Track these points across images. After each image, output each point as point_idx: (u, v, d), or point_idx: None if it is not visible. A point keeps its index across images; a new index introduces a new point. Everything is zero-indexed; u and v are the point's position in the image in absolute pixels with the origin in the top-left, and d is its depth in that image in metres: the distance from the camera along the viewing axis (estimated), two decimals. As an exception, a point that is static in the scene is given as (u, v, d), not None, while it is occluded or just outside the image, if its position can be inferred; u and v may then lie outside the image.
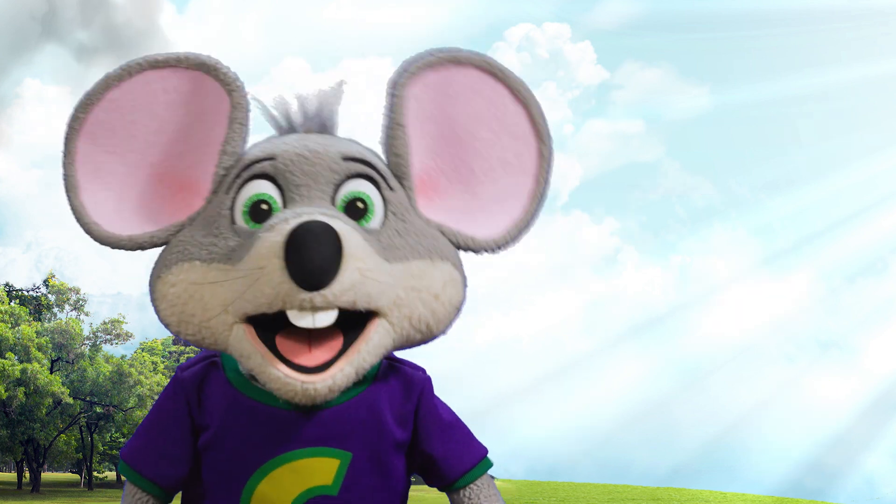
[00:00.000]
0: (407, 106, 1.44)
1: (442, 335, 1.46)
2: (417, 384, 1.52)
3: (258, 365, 1.35)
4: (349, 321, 1.35)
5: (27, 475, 35.18)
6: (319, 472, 1.42)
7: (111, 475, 41.85)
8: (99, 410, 33.90)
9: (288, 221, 1.30)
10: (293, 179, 1.40)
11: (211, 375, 1.48)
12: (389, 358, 1.52)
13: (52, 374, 31.42)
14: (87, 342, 34.01)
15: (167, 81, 1.46)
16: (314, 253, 1.27)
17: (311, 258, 1.27)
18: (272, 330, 1.35)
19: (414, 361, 1.56)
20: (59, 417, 32.80)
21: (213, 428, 1.46)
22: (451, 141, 1.50)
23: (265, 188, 1.41)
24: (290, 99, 1.52)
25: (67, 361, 33.07)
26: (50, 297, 34.89)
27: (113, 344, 34.91)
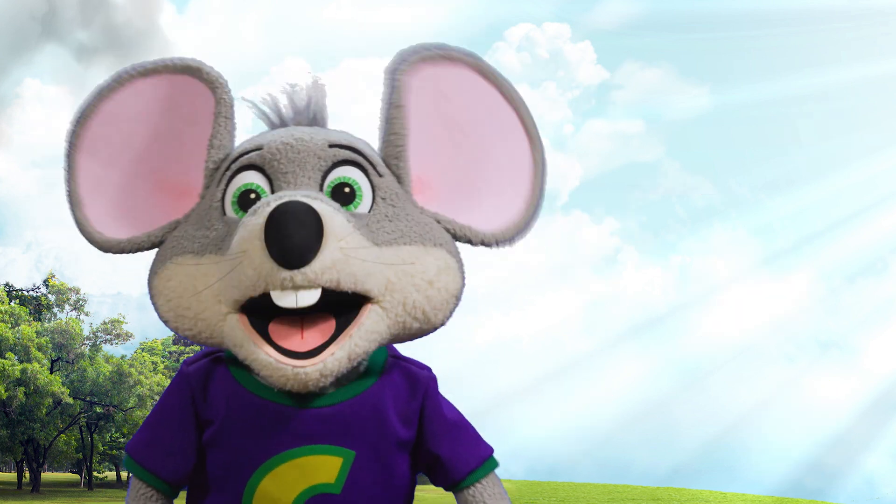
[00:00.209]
0: (406, 92, 1.44)
1: (442, 325, 1.45)
2: (423, 383, 1.51)
3: (250, 352, 1.35)
4: (342, 307, 1.35)
5: (27, 475, 35.20)
6: (322, 469, 1.42)
7: (111, 475, 41.86)
8: (99, 410, 33.92)
9: (269, 204, 1.31)
10: (280, 167, 1.41)
11: (216, 371, 1.48)
12: (395, 356, 1.52)
13: (52, 374, 31.44)
14: (87, 342, 34.04)
15: (158, 89, 1.48)
16: (293, 231, 1.27)
17: (289, 236, 1.28)
18: (265, 318, 1.36)
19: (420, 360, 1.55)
20: (59, 417, 32.81)
21: (216, 423, 1.45)
22: (446, 141, 1.50)
23: (253, 178, 1.42)
24: (279, 95, 1.53)
25: (67, 361, 33.09)
26: (50, 297, 34.91)
27: (113, 344, 34.97)
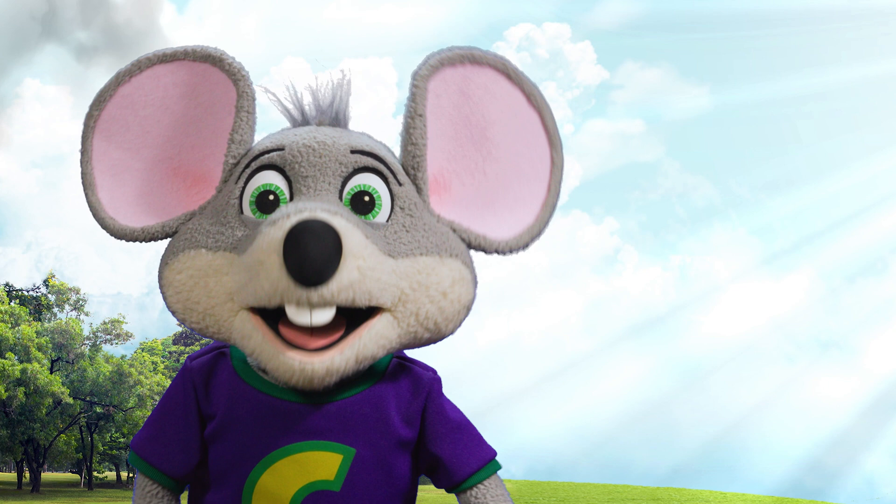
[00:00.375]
0: (427, 98, 1.44)
1: (451, 335, 1.45)
2: (426, 384, 1.51)
3: (258, 344, 1.35)
4: (354, 314, 1.35)
5: (27, 475, 35.23)
6: (322, 466, 1.41)
7: (111, 475, 41.89)
8: (99, 410, 33.95)
9: (289, 217, 1.30)
10: (301, 171, 1.40)
11: (219, 366, 1.48)
12: (400, 357, 1.51)
13: (52, 374, 31.47)
14: (87, 342, 34.08)
15: (176, 75, 1.48)
16: (312, 250, 1.26)
17: (308, 255, 1.26)
18: (276, 318, 1.35)
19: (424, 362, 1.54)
20: (59, 417, 32.84)
21: (218, 418, 1.45)
22: (465, 142, 1.49)
23: (273, 179, 1.41)
24: (302, 91, 1.53)
25: (67, 361, 33.12)
26: (50, 297, 34.95)
27: (113, 344, 35.01)
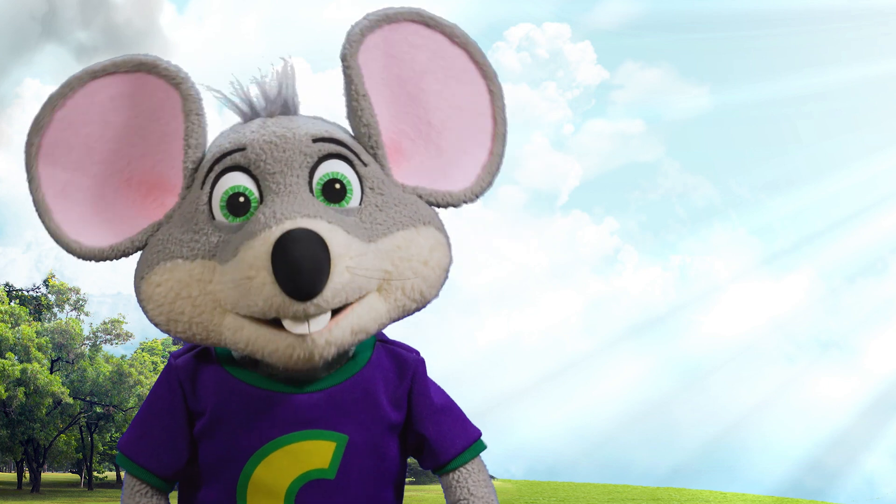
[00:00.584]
0: (362, 75, 1.45)
1: (434, 299, 1.46)
2: (411, 365, 1.52)
3: (252, 331, 1.35)
4: None
5: (27, 475, 35.15)
6: (316, 455, 1.42)
7: (111, 475, 41.81)
8: (99, 410, 33.90)
9: (270, 228, 1.30)
10: (267, 168, 1.39)
11: (205, 362, 1.48)
12: (382, 340, 1.53)
13: (52, 374, 31.42)
14: (87, 342, 34.01)
15: (112, 88, 1.45)
16: (303, 263, 1.26)
17: (301, 270, 1.26)
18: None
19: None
20: (59, 417, 32.78)
21: (207, 414, 1.45)
22: (404, 100, 1.51)
23: (240, 180, 1.40)
24: (248, 84, 1.51)
25: (67, 361, 33.06)
26: (50, 297, 34.89)
27: (113, 344, 34.93)
